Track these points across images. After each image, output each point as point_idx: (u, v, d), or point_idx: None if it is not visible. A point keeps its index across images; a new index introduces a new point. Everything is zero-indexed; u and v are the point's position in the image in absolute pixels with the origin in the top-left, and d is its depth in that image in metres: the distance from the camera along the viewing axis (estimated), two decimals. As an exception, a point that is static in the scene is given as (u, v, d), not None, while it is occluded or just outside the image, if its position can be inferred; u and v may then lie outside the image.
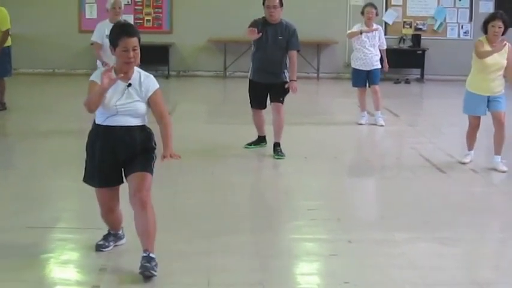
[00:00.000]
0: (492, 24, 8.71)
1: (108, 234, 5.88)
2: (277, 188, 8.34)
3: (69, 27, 17.49)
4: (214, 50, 17.67)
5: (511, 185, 8.51)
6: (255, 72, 9.43)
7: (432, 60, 17.95)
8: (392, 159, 9.97)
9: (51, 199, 7.49)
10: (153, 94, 5.45)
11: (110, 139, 5.41)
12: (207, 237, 6.22)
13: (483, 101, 8.88)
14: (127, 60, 5.33)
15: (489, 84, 8.84)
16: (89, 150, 5.55)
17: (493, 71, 8.78)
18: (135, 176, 5.38)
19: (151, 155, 5.50)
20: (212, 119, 12.67)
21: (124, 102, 5.37)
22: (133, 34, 5.37)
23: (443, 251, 6.11)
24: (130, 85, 5.41)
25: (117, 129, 5.39)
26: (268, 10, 9.20)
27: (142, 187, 5.35)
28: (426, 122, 12.54)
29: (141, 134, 5.47)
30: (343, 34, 17.78)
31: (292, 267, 5.81)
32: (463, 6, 18.25)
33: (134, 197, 5.35)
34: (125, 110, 5.37)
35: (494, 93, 8.84)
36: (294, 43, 9.32)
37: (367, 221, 6.98)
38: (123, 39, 5.32)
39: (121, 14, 10.28)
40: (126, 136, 5.40)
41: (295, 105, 9.47)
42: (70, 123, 11.28)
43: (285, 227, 6.82)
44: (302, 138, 10.53)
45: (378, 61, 11.84)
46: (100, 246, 5.80)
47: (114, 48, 5.37)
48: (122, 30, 5.41)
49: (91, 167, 5.52)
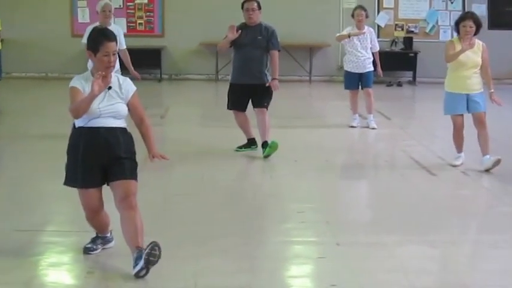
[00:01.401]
0: (463, 24, 8.78)
1: (96, 237, 5.88)
2: (267, 191, 8.34)
3: (61, 31, 17.51)
4: (206, 53, 17.66)
5: (501, 187, 8.50)
6: (235, 73, 9.53)
7: (424, 63, 17.97)
8: (383, 162, 9.98)
9: (41, 202, 7.47)
10: (132, 97, 5.56)
11: (93, 140, 5.44)
12: (196, 240, 6.21)
13: (462, 99, 8.90)
14: (108, 64, 5.39)
15: (465, 82, 8.87)
16: (70, 153, 5.58)
17: (467, 68, 8.83)
18: (123, 183, 5.44)
19: (135, 161, 5.56)
20: (204, 122, 12.68)
21: (106, 104, 5.43)
22: (113, 38, 5.44)
23: (432, 254, 6.12)
24: (110, 88, 5.47)
25: (101, 130, 5.43)
26: (247, 13, 9.42)
27: (130, 193, 5.44)
28: (418, 124, 12.59)
29: (124, 135, 5.53)
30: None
31: (280, 270, 5.81)
32: (455, 9, 18.29)
33: (123, 202, 5.41)
34: (107, 112, 5.43)
35: (472, 91, 8.86)
36: (275, 43, 9.47)
37: (356, 223, 6.97)
38: (104, 43, 5.38)
39: (111, 17, 10.26)
40: (109, 137, 5.45)
41: (286, 108, 9.49)
42: (62, 127, 11.15)
43: (274, 229, 6.82)
44: (293, 141, 10.52)
45: (370, 64, 11.84)
46: (88, 249, 5.80)
47: (94, 53, 5.41)
48: (102, 34, 5.47)
49: (73, 169, 5.53)
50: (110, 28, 9.98)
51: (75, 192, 5.70)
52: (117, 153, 5.46)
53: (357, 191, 8.57)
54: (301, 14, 17.30)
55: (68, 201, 7.37)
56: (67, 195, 7.57)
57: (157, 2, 17.73)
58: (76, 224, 6.59)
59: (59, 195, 7.62)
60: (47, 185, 8.06)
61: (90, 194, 5.55)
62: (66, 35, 17.55)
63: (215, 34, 17.13)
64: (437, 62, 17.88)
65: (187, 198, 7.58)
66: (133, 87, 5.61)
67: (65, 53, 17.34)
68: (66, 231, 6.54)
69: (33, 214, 6.94)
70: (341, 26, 17.82)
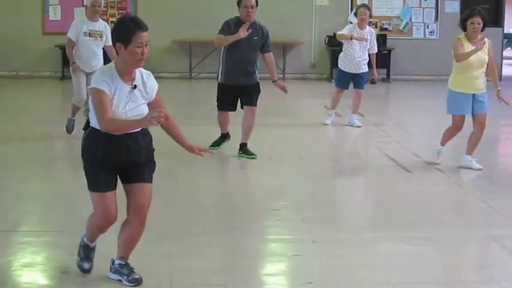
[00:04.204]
0: (471, 20, 8.58)
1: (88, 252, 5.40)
2: (242, 189, 8.37)
3: (32, 29, 17.37)
4: (179, 51, 17.62)
5: (476, 184, 8.59)
6: (226, 74, 9.25)
7: (398, 60, 18.08)
8: (357, 159, 10.03)
9: (13, 203, 7.38)
10: (156, 95, 5.11)
11: (113, 146, 4.95)
12: (172, 238, 6.21)
13: (469, 99, 8.75)
14: (141, 57, 4.85)
15: (474, 82, 8.73)
16: (87, 157, 5.05)
17: (476, 68, 8.67)
18: (144, 187, 5.09)
19: (153, 161, 5.22)
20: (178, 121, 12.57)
21: (132, 106, 4.93)
22: (146, 28, 4.89)
23: (408, 250, 6.16)
24: (135, 87, 4.96)
25: (123, 137, 4.95)
26: (246, 10, 9.08)
27: (145, 202, 5.09)
28: (392, 122, 12.61)
29: (144, 138, 5.08)
30: (309, 34, 17.96)
31: (256, 268, 5.83)
32: (428, 6, 18.42)
33: (139, 212, 5.08)
34: (132, 115, 4.92)
35: (479, 91, 8.76)
36: (269, 45, 9.38)
37: (331, 221, 6.99)
38: (137, 33, 4.81)
39: (99, 12, 10.12)
40: (131, 143, 4.98)
41: (261, 105, 9.45)
42: (33, 127, 11.21)
43: (250, 227, 6.80)
44: (268, 139, 10.52)
45: (365, 65, 11.76)
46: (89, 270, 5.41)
47: (125, 45, 4.83)
48: (135, 23, 4.87)
49: (92, 174, 5.01)
50: (98, 24, 9.99)
51: (47, 193, 5.64)
52: (137, 159, 5.04)
53: (332, 188, 8.58)
54: (274, 11, 17.28)
55: (41, 202, 7.42)
56: (39, 195, 7.58)
57: (130, 0, 17.68)
58: (49, 224, 6.61)
59: (31, 196, 7.67)
60: (18, 186, 7.99)
61: (111, 198, 5.04)
62: (37, 33, 17.42)
63: (188, 32, 17.21)
64: (411, 59, 18.16)
65: (162, 197, 7.51)
66: (156, 84, 5.11)
67: (36, 51, 17.27)
68: (39, 231, 6.50)
69: (6, 214, 6.87)
70: (314, 24, 17.94)
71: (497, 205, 7.50)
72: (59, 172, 8.75)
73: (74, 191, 7.47)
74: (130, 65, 4.91)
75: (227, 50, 9.21)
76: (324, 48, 18.21)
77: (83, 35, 9.90)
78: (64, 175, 8.51)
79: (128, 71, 4.93)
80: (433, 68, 17.81)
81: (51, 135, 10.71)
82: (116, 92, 4.87)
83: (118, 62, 4.94)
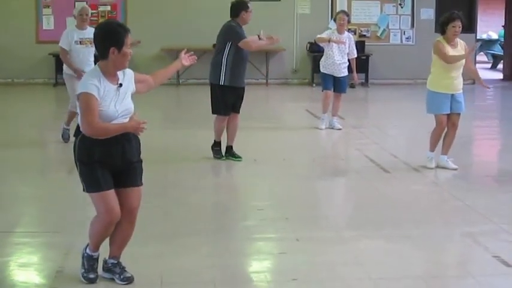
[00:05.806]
0: (453, 24, 8.74)
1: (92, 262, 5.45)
2: (228, 190, 8.52)
3: (26, 38, 17.77)
4: (168, 58, 17.69)
5: (452, 184, 8.72)
6: (231, 76, 9.17)
7: (376, 65, 18.36)
8: (338, 161, 10.19)
9: (9, 205, 7.50)
10: (135, 75, 5.30)
11: (110, 146, 5.08)
12: (161, 239, 6.33)
13: (447, 98, 8.88)
14: (128, 58, 5.09)
15: (453, 82, 8.89)
16: (85, 159, 5.10)
17: (456, 69, 8.84)
18: (136, 190, 5.28)
19: (141, 160, 5.36)
20: (166, 125, 12.76)
21: (121, 103, 5.10)
22: (129, 30, 5.16)
23: (387, 247, 6.29)
24: (121, 85, 5.13)
25: (118, 137, 5.09)
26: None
27: (138, 204, 5.30)
28: (371, 124, 12.73)
29: (135, 138, 5.26)
30: (290, 42, 18.18)
31: (243, 266, 5.96)
32: (405, 13, 18.75)
33: (130, 213, 5.26)
34: (123, 111, 5.10)
35: (457, 91, 8.92)
36: None
37: (314, 219, 7.11)
38: (127, 35, 5.06)
39: (88, 21, 10.31)
40: (125, 142, 5.16)
41: (245, 109, 9.61)
42: (28, 132, 11.38)
43: (235, 227, 6.97)
44: (252, 141, 10.63)
45: (346, 69, 11.88)
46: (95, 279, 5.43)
47: (119, 48, 5.02)
48: (123, 27, 5.11)
49: (90, 175, 5.09)
50: (87, 31, 10.16)
51: (42, 195, 5.72)
52: (130, 159, 5.21)
53: (314, 188, 8.69)
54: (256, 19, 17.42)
55: (36, 203, 7.50)
56: (35, 197, 7.68)
57: (120, 9, 17.93)
58: (44, 225, 6.73)
59: (27, 198, 7.79)
60: (14, 189, 8.15)
61: (113, 195, 5.13)
62: (31, 41, 17.84)
63: (176, 40, 17.38)
64: (389, 64, 18.46)
65: (151, 198, 7.62)
66: (131, 70, 5.27)
67: (30, 59, 17.71)
68: (35, 232, 6.62)
69: (3, 216, 6.99)
70: (295, 31, 18.17)
71: (472, 203, 7.63)
72: (54, 176, 8.91)
73: (68, 194, 7.63)
74: (121, 66, 5.11)
75: (233, 53, 9.18)
76: (305, 54, 18.49)
77: (74, 43, 10.12)
78: (58, 178, 8.66)
79: (114, 73, 5.10)
80: (410, 72, 18.15)
81: (46, 140, 10.95)
82: (105, 93, 5.02)
83: (105, 65, 5.08)
